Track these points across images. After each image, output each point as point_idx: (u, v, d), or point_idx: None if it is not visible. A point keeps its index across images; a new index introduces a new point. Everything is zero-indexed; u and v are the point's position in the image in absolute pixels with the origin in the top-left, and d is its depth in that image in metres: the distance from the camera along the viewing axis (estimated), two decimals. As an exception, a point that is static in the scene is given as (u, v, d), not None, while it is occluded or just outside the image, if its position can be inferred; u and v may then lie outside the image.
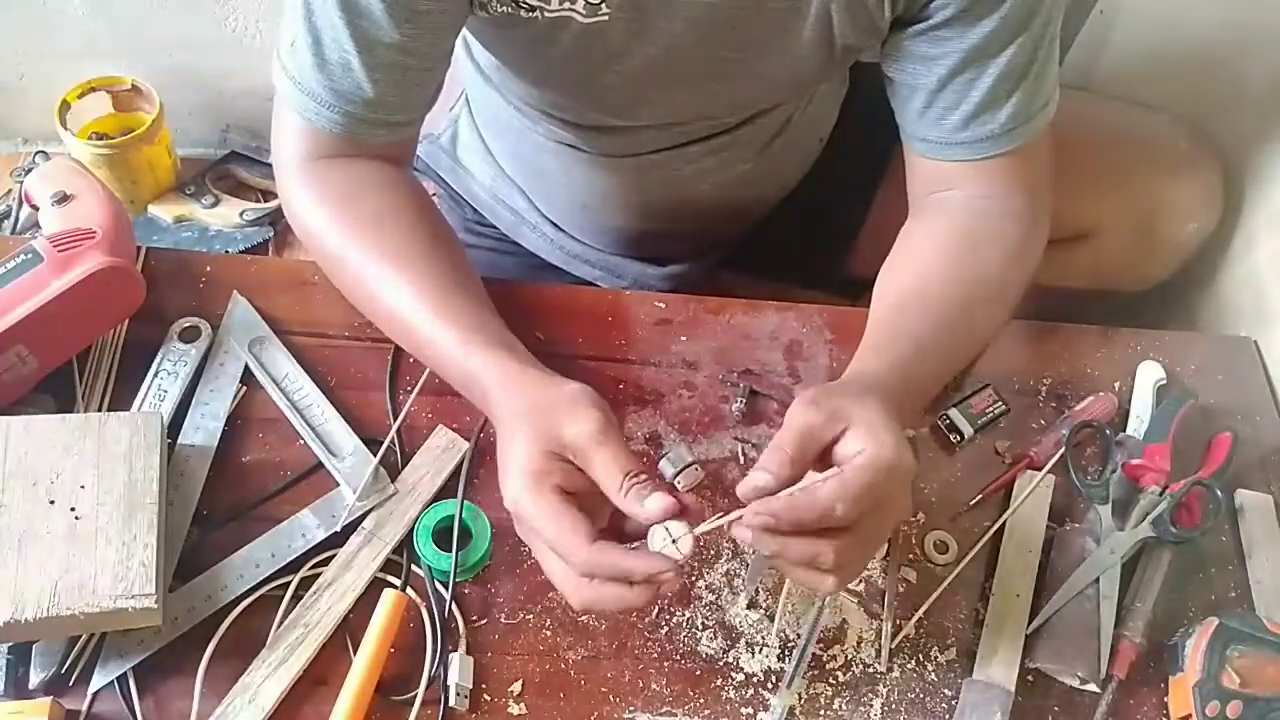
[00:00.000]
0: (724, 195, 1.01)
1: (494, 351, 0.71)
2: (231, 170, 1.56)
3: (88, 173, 0.87)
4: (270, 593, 0.75)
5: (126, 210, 0.89)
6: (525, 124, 0.96)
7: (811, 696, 0.76)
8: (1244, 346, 0.99)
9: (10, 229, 1.40)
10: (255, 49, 1.42)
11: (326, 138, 0.76)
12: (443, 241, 0.79)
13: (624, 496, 0.61)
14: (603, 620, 0.78)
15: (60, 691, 0.70)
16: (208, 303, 0.88)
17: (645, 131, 0.92)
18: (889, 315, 0.78)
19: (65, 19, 1.37)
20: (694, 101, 0.87)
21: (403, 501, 0.80)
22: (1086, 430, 0.89)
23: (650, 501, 0.60)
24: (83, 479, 0.71)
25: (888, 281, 0.81)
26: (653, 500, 0.60)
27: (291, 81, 0.75)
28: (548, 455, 0.63)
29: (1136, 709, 0.79)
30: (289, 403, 0.83)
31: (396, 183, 0.79)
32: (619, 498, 0.61)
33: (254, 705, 0.70)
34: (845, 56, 0.83)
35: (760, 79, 0.83)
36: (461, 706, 0.73)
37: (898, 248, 0.84)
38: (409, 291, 0.74)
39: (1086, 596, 0.80)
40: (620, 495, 0.61)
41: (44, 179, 0.85)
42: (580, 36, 0.75)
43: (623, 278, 1.08)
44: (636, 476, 0.61)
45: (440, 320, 0.73)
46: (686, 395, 0.89)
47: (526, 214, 1.07)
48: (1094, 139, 1.01)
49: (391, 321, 0.77)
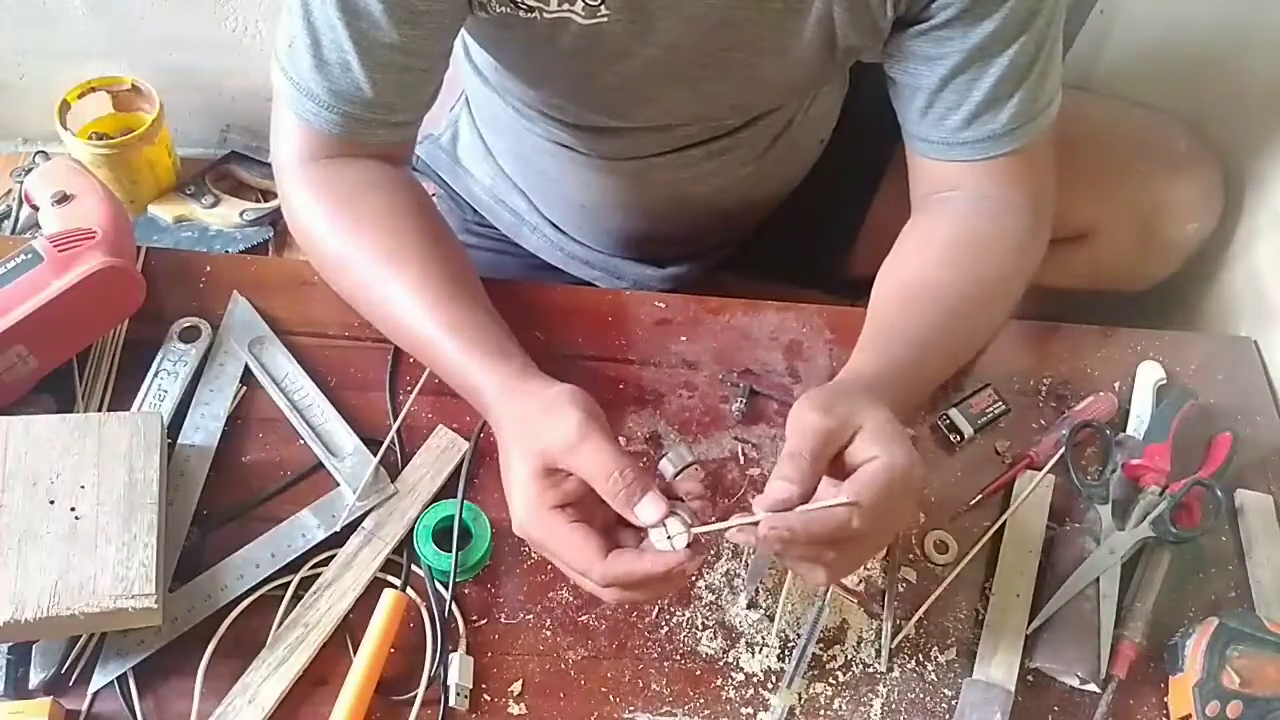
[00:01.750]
0: (724, 198, 1.01)
1: (489, 361, 0.71)
2: (231, 170, 1.56)
3: (88, 173, 0.87)
4: (270, 593, 0.75)
5: (127, 210, 0.89)
6: (524, 125, 0.96)
7: (811, 696, 0.76)
8: (1244, 346, 0.99)
9: (10, 229, 1.40)
10: (255, 49, 1.42)
11: (325, 138, 0.76)
12: (442, 242, 0.79)
13: (615, 499, 0.62)
14: (603, 620, 0.78)
15: (60, 691, 0.70)
16: (208, 303, 0.88)
17: (644, 134, 0.92)
18: (889, 313, 0.78)
19: (65, 19, 1.37)
20: (694, 103, 0.87)
21: (403, 501, 0.80)
22: (1086, 430, 0.89)
23: (641, 509, 0.62)
24: (83, 479, 0.71)
25: (888, 280, 0.81)
26: (642, 508, 0.62)
27: (290, 82, 0.75)
28: (538, 475, 0.64)
29: (1136, 709, 0.79)
30: (289, 403, 0.83)
31: (395, 183, 0.79)
32: (611, 501, 0.62)
33: (254, 705, 0.70)
34: (846, 57, 0.83)
35: (761, 80, 0.83)
36: (461, 706, 0.73)
37: (899, 247, 0.84)
38: (408, 294, 0.74)
39: (1086, 596, 0.80)
40: (611, 498, 0.62)
41: (44, 179, 0.85)
42: (579, 37, 0.75)
43: (622, 279, 1.08)
44: (623, 475, 0.62)
45: (439, 326, 0.73)
46: (686, 395, 0.89)
47: (526, 215, 1.07)
48: (1094, 139, 1.01)
49: (391, 324, 0.77)
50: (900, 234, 0.85)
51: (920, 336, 0.76)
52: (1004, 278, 0.82)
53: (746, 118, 0.93)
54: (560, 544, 0.63)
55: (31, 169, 1.30)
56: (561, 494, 0.64)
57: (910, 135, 0.84)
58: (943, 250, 0.81)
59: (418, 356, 0.79)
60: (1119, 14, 1.19)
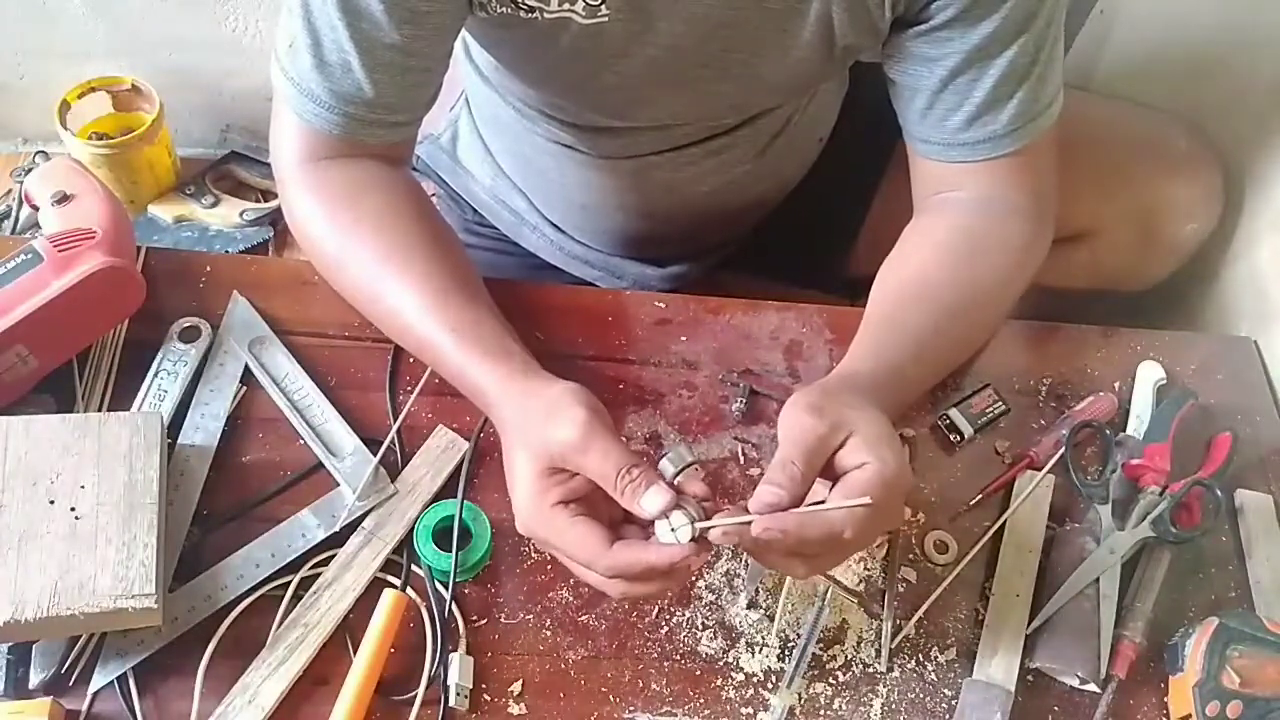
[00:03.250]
0: (723, 197, 1.01)
1: (491, 360, 0.71)
2: (231, 170, 1.56)
3: (88, 173, 0.87)
4: (270, 593, 0.75)
5: (127, 210, 0.89)
6: (524, 125, 0.96)
7: (811, 696, 0.76)
8: (1244, 346, 0.99)
9: (10, 229, 1.40)
10: (255, 49, 1.42)
11: (326, 139, 0.76)
12: (442, 241, 0.79)
13: (621, 496, 0.62)
14: (603, 620, 0.78)
15: (60, 691, 0.70)
16: (208, 303, 0.88)
17: (644, 133, 0.92)
18: (888, 312, 0.78)
19: (65, 19, 1.37)
20: (694, 102, 0.87)
21: (403, 501, 0.80)
22: (1086, 430, 0.89)
23: (646, 500, 0.62)
24: (83, 479, 0.71)
25: (887, 279, 0.81)
26: (648, 498, 0.62)
27: (290, 82, 0.75)
28: (542, 474, 0.64)
29: (1136, 709, 0.79)
30: (289, 403, 0.83)
31: (395, 183, 0.79)
32: (618, 497, 0.62)
33: (254, 705, 0.70)
34: (845, 56, 0.83)
35: (760, 80, 0.83)
36: (461, 706, 0.73)
37: (899, 246, 0.84)
38: (409, 294, 0.75)
39: (1086, 596, 0.80)
40: (619, 495, 0.62)
41: (44, 179, 0.85)
42: (579, 37, 0.75)
43: (623, 278, 1.08)
44: (630, 473, 0.62)
45: (440, 325, 0.73)
46: (686, 395, 0.89)
47: (526, 214, 1.07)
48: (1094, 139, 1.01)
49: (391, 323, 0.77)
50: (902, 234, 0.85)
51: (917, 336, 0.76)
52: (1004, 280, 0.82)
53: (745, 116, 0.93)
54: (565, 538, 0.63)
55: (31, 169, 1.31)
56: (566, 491, 0.64)
57: (911, 136, 0.84)
58: (943, 251, 0.81)
59: (419, 356, 0.79)
60: (1119, 14, 1.19)
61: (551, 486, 0.64)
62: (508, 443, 0.68)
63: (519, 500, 0.66)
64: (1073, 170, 0.88)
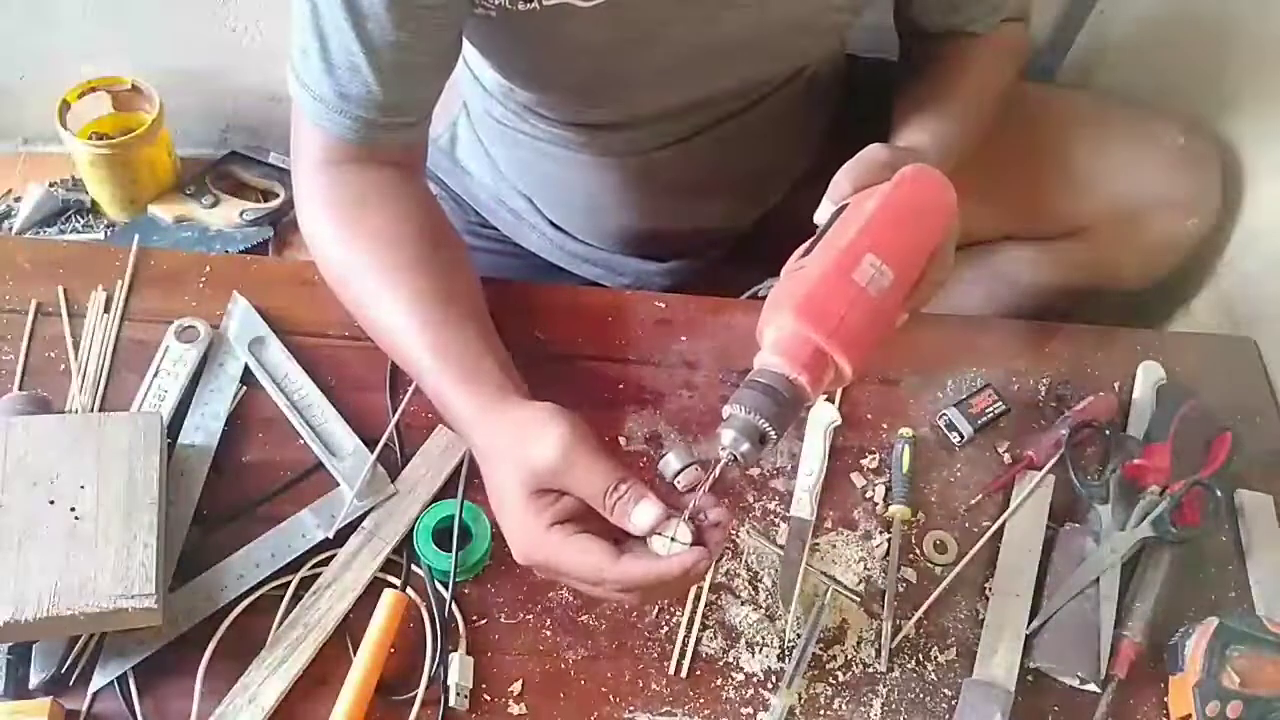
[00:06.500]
0: (725, 191, 1.01)
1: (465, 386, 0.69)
2: (231, 170, 1.56)
3: None
4: (270, 593, 0.75)
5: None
6: (524, 127, 0.96)
7: (811, 696, 0.76)
8: (1244, 346, 0.99)
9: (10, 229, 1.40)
10: (255, 49, 1.42)
11: (339, 143, 0.76)
12: (441, 259, 0.77)
13: (611, 514, 0.62)
14: (603, 620, 0.78)
15: (60, 691, 0.70)
16: (208, 303, 0.88)
17: (645, 128, 0.92)
18: (928, 98, 0.85)
19: (65, 19, 1.37)
20: (700, 75, 0.86)
21: (402, 501, 0.80)
22: (1086, 430, 0.89)
23: (636, 516, 0.62)
24: (83, 479, 0.71)
25: (906, 87, 0.87)
26: (638, 514, 0.62)
27: (303, 89, 0.75)
28: (531, 498, 0.63)
29: (1136, 709, 0.79)
30: (289, 403, 0.83)
31: (403, 196, 0.79)
32: (608, 516, 0.62)
33: (254, 705, 0.70)
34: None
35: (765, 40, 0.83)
36: (461, 706, 0.73)
37: (906, 66, 0.91)
38: (399, 314, 0.73)
39: (1086, 596, 0.80)
40: (608, 514, 0.62)
41: None
42: (580, 24, 0.75)
43: (624, 275, 1.08)
44: (618, 489, 0.62)
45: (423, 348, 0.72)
46: (686, 395, 0.89)
47: (526, 215, 1.07)
48: (1093, 136, 1.01)
49: (383, 341, 0.76)
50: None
51: (960, 119, 0.83)
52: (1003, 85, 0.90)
53: (748, 101, 0.92)
54: (567, 559, 0.62)
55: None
56: (559, 511, 0.63)
57: (915, 32, 0.90)
58: (952, 60, 0.88)
59: (406, 370, 0.78)
60: (1119, 14, 1.19)
61: (543, 509, 0.63)
62: (487, 471, 0.67)
63: (512, 529, 0.64)
64: (1072, 168, 0.88)
